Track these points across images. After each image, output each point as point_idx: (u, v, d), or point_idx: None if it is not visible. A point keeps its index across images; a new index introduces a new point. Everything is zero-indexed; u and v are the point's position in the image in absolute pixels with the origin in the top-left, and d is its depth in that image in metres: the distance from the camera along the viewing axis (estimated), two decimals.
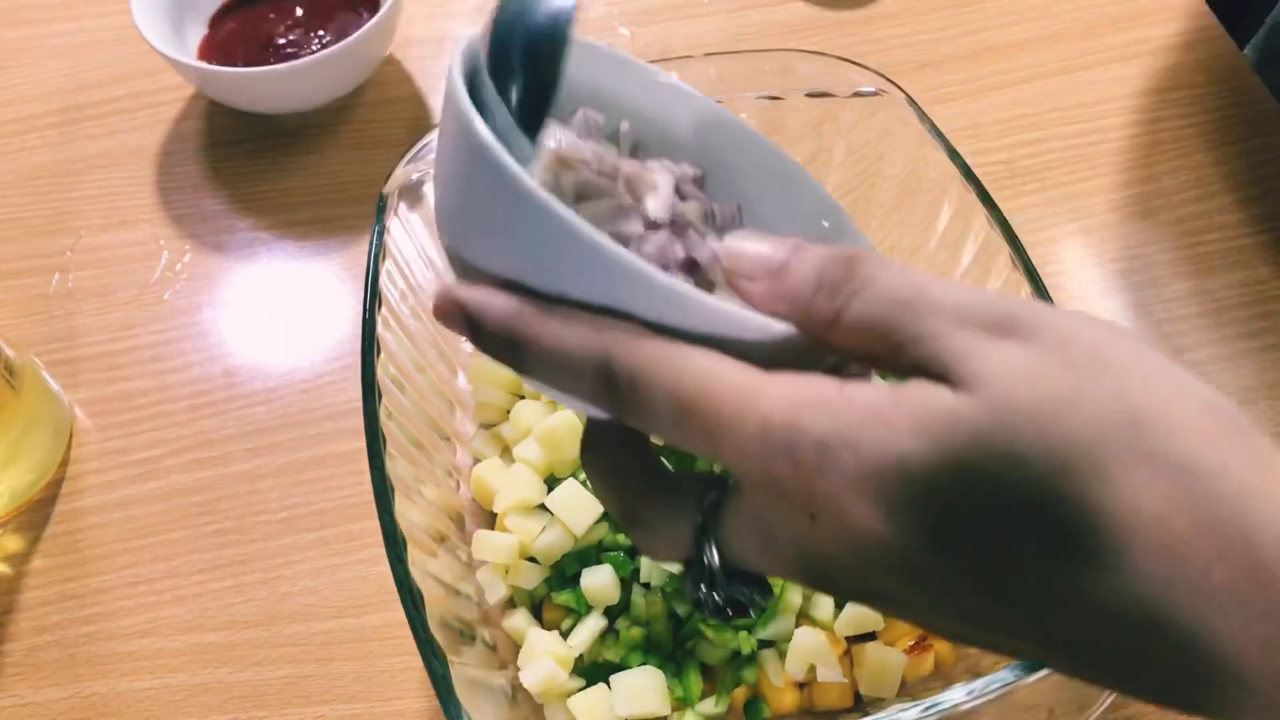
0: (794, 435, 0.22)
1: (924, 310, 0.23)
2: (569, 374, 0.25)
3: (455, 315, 0.26)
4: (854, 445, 0.22)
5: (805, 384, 0.23)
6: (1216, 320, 0.60)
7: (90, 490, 0.55)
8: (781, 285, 0.25)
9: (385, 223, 0.47)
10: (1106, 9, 0.73)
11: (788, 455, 0.22)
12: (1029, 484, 0.20)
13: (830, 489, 0.22)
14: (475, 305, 0.26)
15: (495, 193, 0.26)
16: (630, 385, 0.24)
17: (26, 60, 0.72)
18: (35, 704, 0.49)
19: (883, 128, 0.52)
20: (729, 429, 0.23)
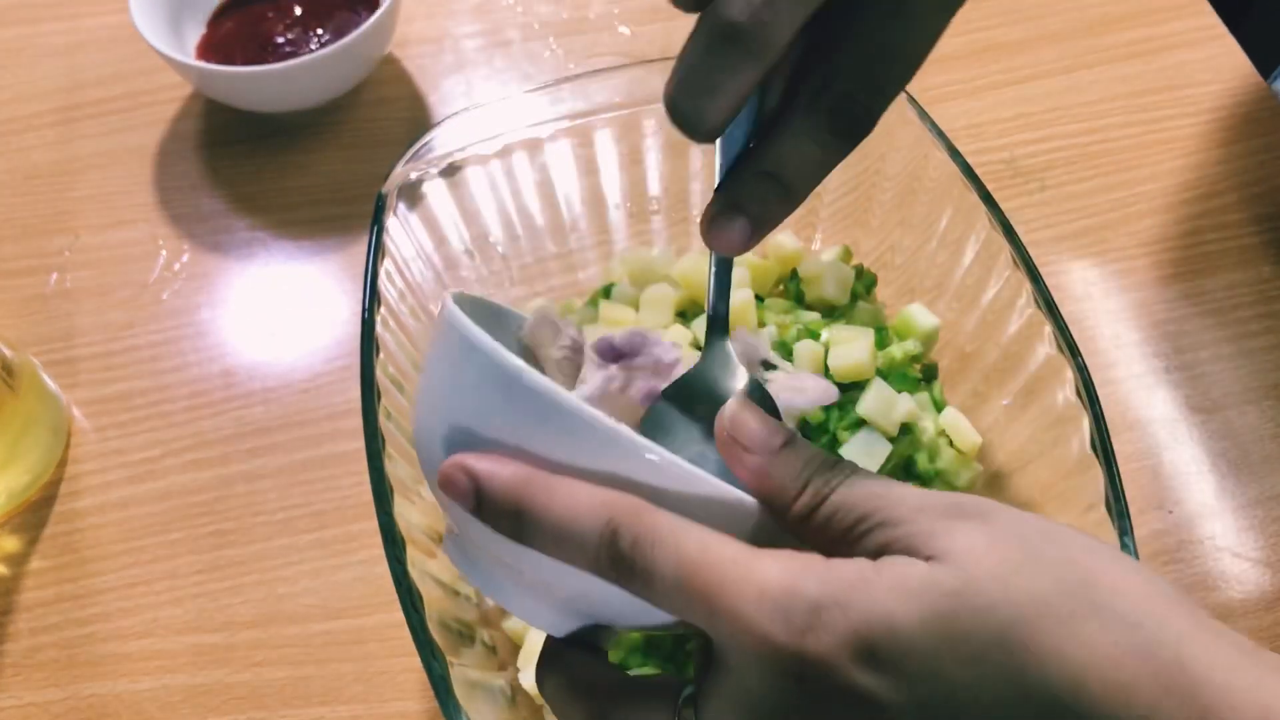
0: (789, 599, 0.24)
1: (892, 501, 0.26)
2: (572, 540, 0.26)
3: (463, 483, 0.27)
4: (844, 606, 0.24)
5: (796, 556, 0.25)
6: (1216, 320, 0.59)
7: (88, 491, 0.55)
8: (772, 467, 0.28)
9: (384, 222, 0.47)
10: (1107, 8, 0.73)
11: (783, 617, 0.24)
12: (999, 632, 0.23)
13: (821, 647, 0.23)
14: (485, 472, 0.27)
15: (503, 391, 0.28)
16: (634, 549, 0.25)
17: (24, 59, 0.72)
18: (33, 704, 0.49)
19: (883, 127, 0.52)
20: (728, 593, 0.24)
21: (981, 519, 0.25)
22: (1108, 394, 0.57)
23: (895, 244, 0.55)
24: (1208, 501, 0.54)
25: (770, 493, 0.28)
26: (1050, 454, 0.44)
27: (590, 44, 0.72)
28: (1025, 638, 0.23)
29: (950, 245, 0.51)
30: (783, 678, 0.24)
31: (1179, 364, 0.58)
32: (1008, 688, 0.23)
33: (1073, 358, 0.42)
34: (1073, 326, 0.44)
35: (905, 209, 0.54)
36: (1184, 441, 0.56)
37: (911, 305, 0.53)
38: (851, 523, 0.26)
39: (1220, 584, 0.51)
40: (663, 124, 0.54)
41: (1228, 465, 0.55)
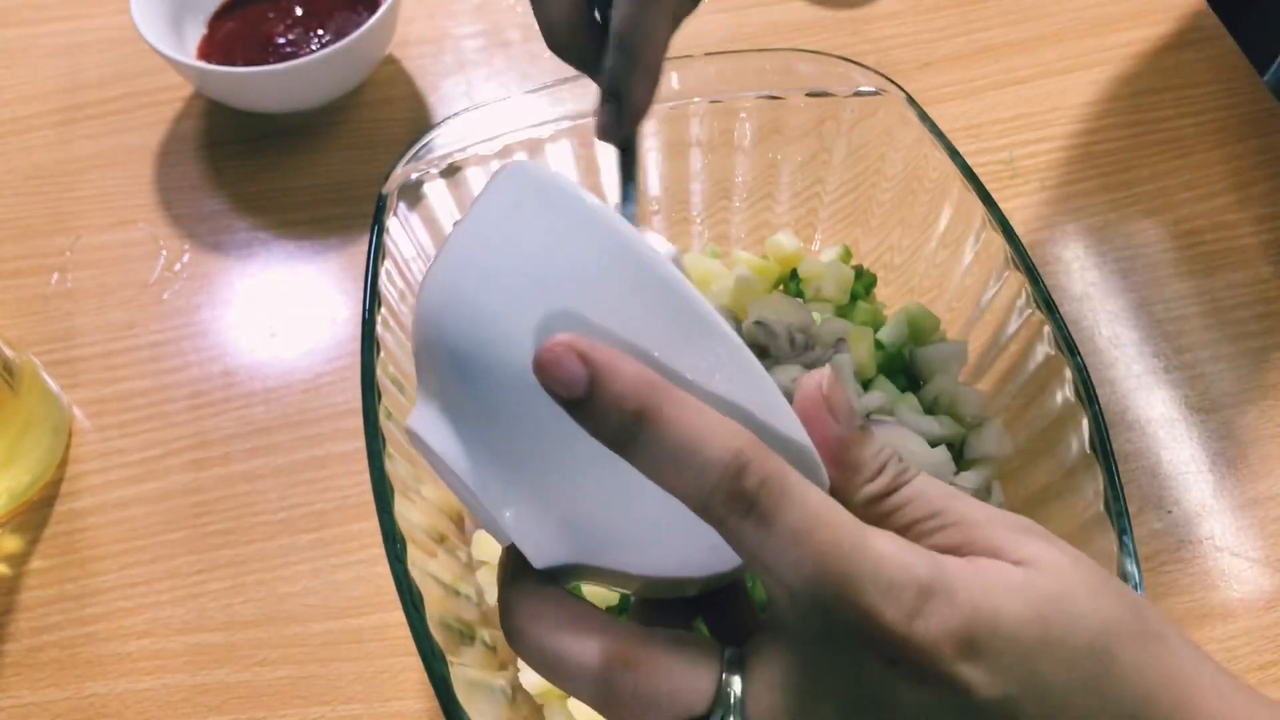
0: (902, 575, 0.23)
1: (965, 505, 0.26)
2: (692, 463, 0.23)
3: (576, 368, 0.23)
4: (951, 594, 0.23)
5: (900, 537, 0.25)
6: (1216, 320, 0.60)
7: (89, 490, 0.55)
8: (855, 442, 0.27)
9: (384, 222, 0.47)
10: (1106, 9, 0.73)
11: (895, 596, 0.23)
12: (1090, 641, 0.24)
13: (928, 635, 0.23)
14: (607, 362, 0.23)
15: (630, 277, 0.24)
16: (761, 488, 0.23)
17: (25, 59, 0.72)
18: (34, 704, 0.49)
19: (883, 127, 0.52)
20: (845, 556, 0.23)
21: (1050, 540, 0.26)
22: (1107, 394, 0.57)
23: (895, 244, 0.55)
24: (1207, 501, 0.54)
25: (846, 467, 0.27)
26: (1049, 453, 0.44)
27: None
28: (1113, 650, 0.24)
29: (950, 245, 0.51)
30: (873, 657, 0.23)
31: (1178, 364, 0.58)
32: (1092, 695, 0.23)
33: (1072, 357, 0.42)
34: (1072, 326, 0.44)
35: (905, 209, 0.54)
36: (1183, 441, 0.56)
37: (911, 305, 0.53)
38: (924, 515, 0.26)
39: (1219, 583, 0.51)
40: (663, 124, 0.54)
41: (1227, 465, 0.55)
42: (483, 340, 0.25)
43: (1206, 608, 0.51)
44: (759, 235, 0.59)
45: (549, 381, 0.23)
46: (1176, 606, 0.51)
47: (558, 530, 0.26)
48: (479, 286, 0.25)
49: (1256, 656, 0.49)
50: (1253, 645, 0.50)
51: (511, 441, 0.25)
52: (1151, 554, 0.52)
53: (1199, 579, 0.51)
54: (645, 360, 0.24)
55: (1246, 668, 0.49)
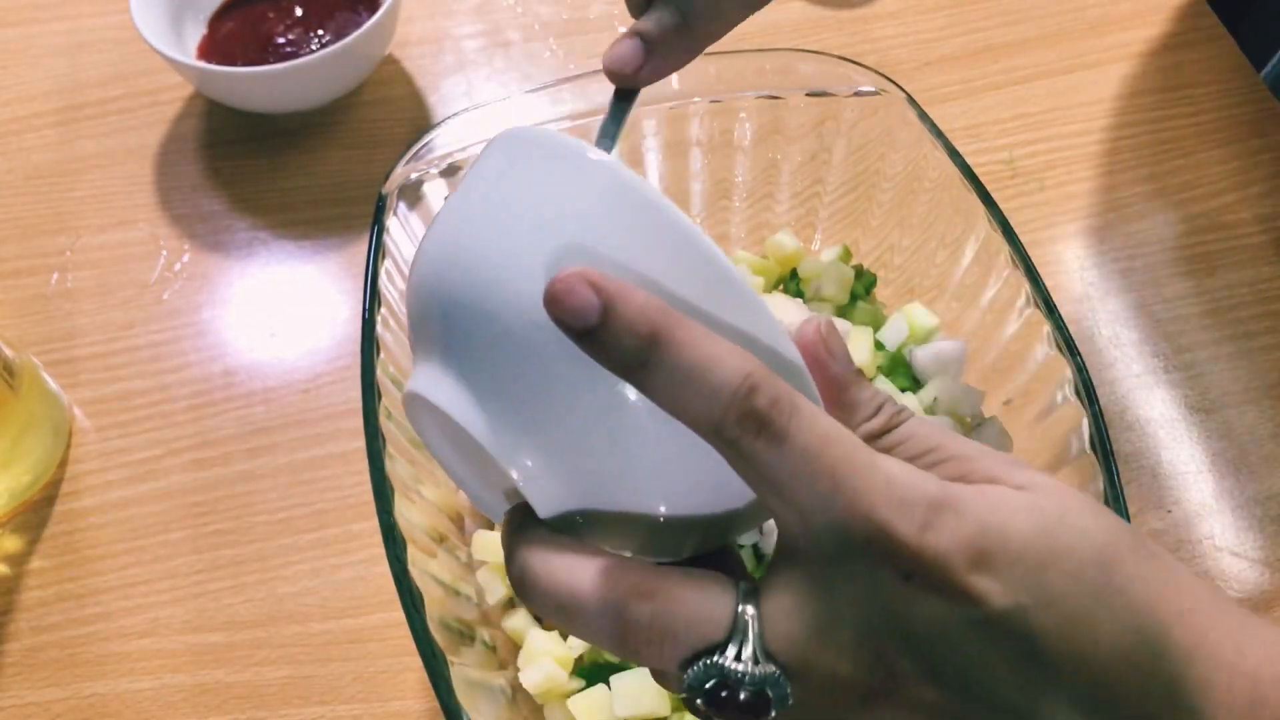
0: (912, 491, 0.24)
1: (960, 441, 0.27)
2: (704, 386, 0.23)
3: (587, 297, 0.23)
4: (960, 510, 0.24)
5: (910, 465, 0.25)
6: (1216, 320, 0.60)
7: (89, 490, 0.55)
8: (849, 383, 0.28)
9: (384, 222, 0.47)
10: (1107, 9, 0.73)
11: (906, 510, 0.24)
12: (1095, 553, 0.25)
13: (940, 545, 0.24)
14: (618, 289, 0.23)
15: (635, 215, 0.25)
16: (773, 408, 0.23)
17: (25, 59, 0.72)
18: (34, 704, 0.49)
19: (883, 127, 0.52)
20: (857, 473, 0.24)
21: (1041, 473, 0.27)
22: (1107, 394, 0.57)
23: (895, 244, 0.55)
24: (1206, 501, 0.54)
25: (843, 406, 0.28)
26: (1050, 453, 0.44)
27: (590, 44, 0.72)
28: (1116, 561, 0.24)
29: (950, 245, 0.51)
30: (888, 571, 0.24)
31: (1178, 364, 0.58)
32: (1098, 603, 0.24)
33: (1072, 357, 0.43)
34: (1072, 326, 0.44)
35: (905, 209, 0.54)
36: (1183, 441, 0.56)
37: (911, 305, 0.53)
38: (920, 451, 0.27)
39: (1219, 583, 0.51)
40: (662, 124, 0.54)
41: (1226, 465, 0.55)
42: (488, 286, 0.25)
43: None
44: (759, 235, 0.59)
45: (561, 312, 0.23)
46: None
47: (566, 477, 0.26)
48: (482, 236, 0.26)
49: None
50: None
51: (518, 389, 0.25)
52: None
53: None
54: (654, 291, 0.25)
55: None
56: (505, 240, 0.25)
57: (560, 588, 0.25)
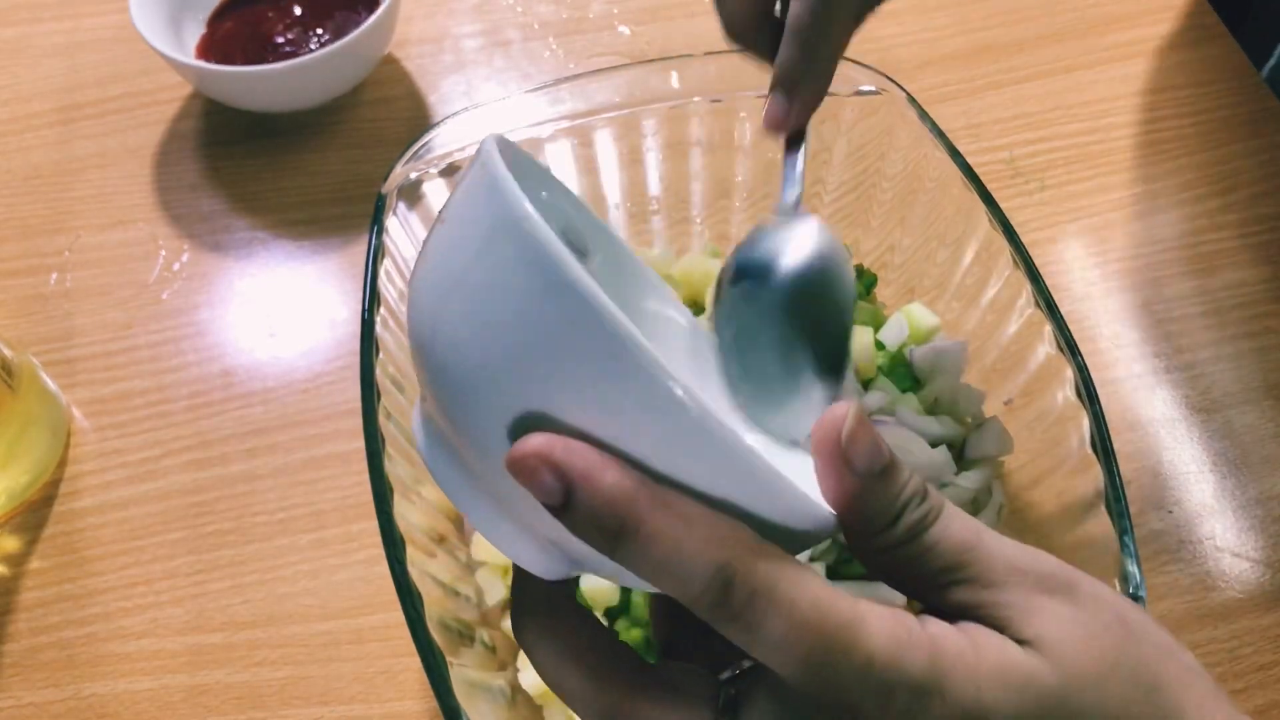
0: (893, 676, 0.23)
1: (985, 555, 0.25)
2: (676, 576, 0.23)
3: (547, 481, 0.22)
4: (944, 694, 0.23)
5: (898, 620, 0.24)
6: (1216, 320, 0.59)
7: (88, 491, 0.55)
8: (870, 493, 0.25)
9: (384, 222, 0.47)
10: (1107, 8, 0.73)
11: (886, 697, 0.23)
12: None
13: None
14: (583, 473, 0.22)
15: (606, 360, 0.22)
16: (748, 605, 0.23)
17: (24, 59, 0.72)
18: (33, 705, 0.49)
19: (883, 127, 0.52)
20: (835, 660, 0.23)
21: (1070, 598, 0.25)
22: (1107, 394, 0.57)
23: (895, 244, 0.55)
24: (1208, 501, 0.54)
25: (859, 518, 0.26)
26: (1050, 453, 0.44)
27: (590, 44, 0.72)
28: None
29: (950, 245, 0.51)
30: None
31: (1179, 364, 0.58)
32: None
33: (1073, 357, 0.42)
34: (1073, 326, 0.44)
35: (905, 209, 0.54)
36: (1184, 441, 0.56)
37: (911, 305, 0.53)
38: (938, 569, 0.25)
39: (1220, 584, 0.51)
40: (662, 124, 0.54)
41: (1228, 465, 0.55)
42: (460, 381, 0.24)
43: (1207, 608, 0.51)
44: None
45: (524, 483, 0.23)
46: (1177, 607, 0.51)
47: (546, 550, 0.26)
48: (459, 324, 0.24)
49: (1258, 657, 0.49)
50: (1254, 646, 0.50)
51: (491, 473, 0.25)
52: (1152, 554, 0.52)
53: (1200, 579, 0.51)
54: (625, 451, 0.23)
55: (1247, 668, 0.49)
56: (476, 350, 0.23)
57: (550, 676, 0.26)
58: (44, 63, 0.72)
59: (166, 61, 0.62)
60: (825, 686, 0.23)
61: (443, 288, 0.25)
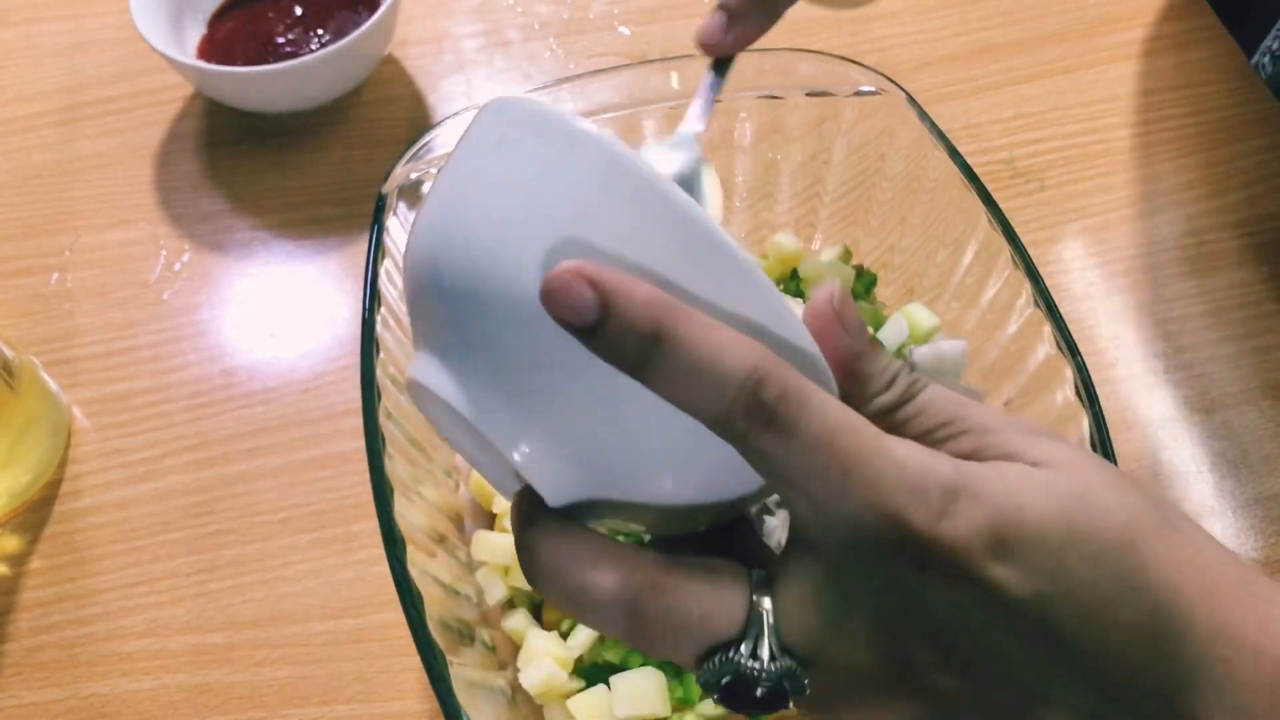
0: (925, 478, 0.23)
1: (977, 411, 0.26)
2: (710, 379, 0.23)
3: (585, 294, 0.23)
4: (977, 494, 0.23)
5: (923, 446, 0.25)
6: (1216, 320, 0.60)
7: (89, 491, 0.55)
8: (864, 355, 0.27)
9: (384, 222, 0.47)
10: (1107, 9, 0.73)
11: (921, 498, 0.23)
12: (1116, 535, 0.24)
13: (957, 534, 0.23)
14: (617, 284, 0.23)
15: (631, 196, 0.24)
16: (781, 400, 0.23)
17: (25, 59, 0.72)
18: (34, 704, 0.49)
19: (883, 127, 0.52)
20: (868, 462, 0.23)
21: (1064, 441, 0.26)
22: (1107, 394, 0.57)
23: (895, 244, 0.55)
24: (1207, 501, 0.54)
25: (856, 379, 0.27)
26: None
27: (590, 44, 0.72)
28: (1138, 542, 0.24)
29: (950, 245, 0.51)
30: (904, 562, 0.23)
31: (1179, 364, 0.58)
32: (1121, 587, 0.23)
33: (1072, 357, 0.42)
34: (1073, 326, 0.44)
35: (905, 209, 0.54)
36: (1183, 441, 0.56)
37: (911, 305, 0.53)
38: (936, 425, 0.26)
39: None
40: (662, 124, 0.54)
41: (1227, 465, 0.55)
42: (482, 275, 0.24)
43: None
44: (759, 235, 0.59)
45: (558, 310, 0.23)
46: None
47: (572, 465, 0.25)
48: (473, 221, 0.25)
49: None
50: None
51: (518, 377, 0.25)
52: None
53: None
54: (654, 280, 0.24)
55: None
56: (497, 228, 0.24)
57: (572, 584, 0.25)
58: (45, 63, 0.72)
59: (167, 62, 0.62)
60: (863, 487, 0.23)
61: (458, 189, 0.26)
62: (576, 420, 0.25)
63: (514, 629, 0.47)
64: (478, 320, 0.25)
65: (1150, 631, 0.23)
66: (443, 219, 0.26)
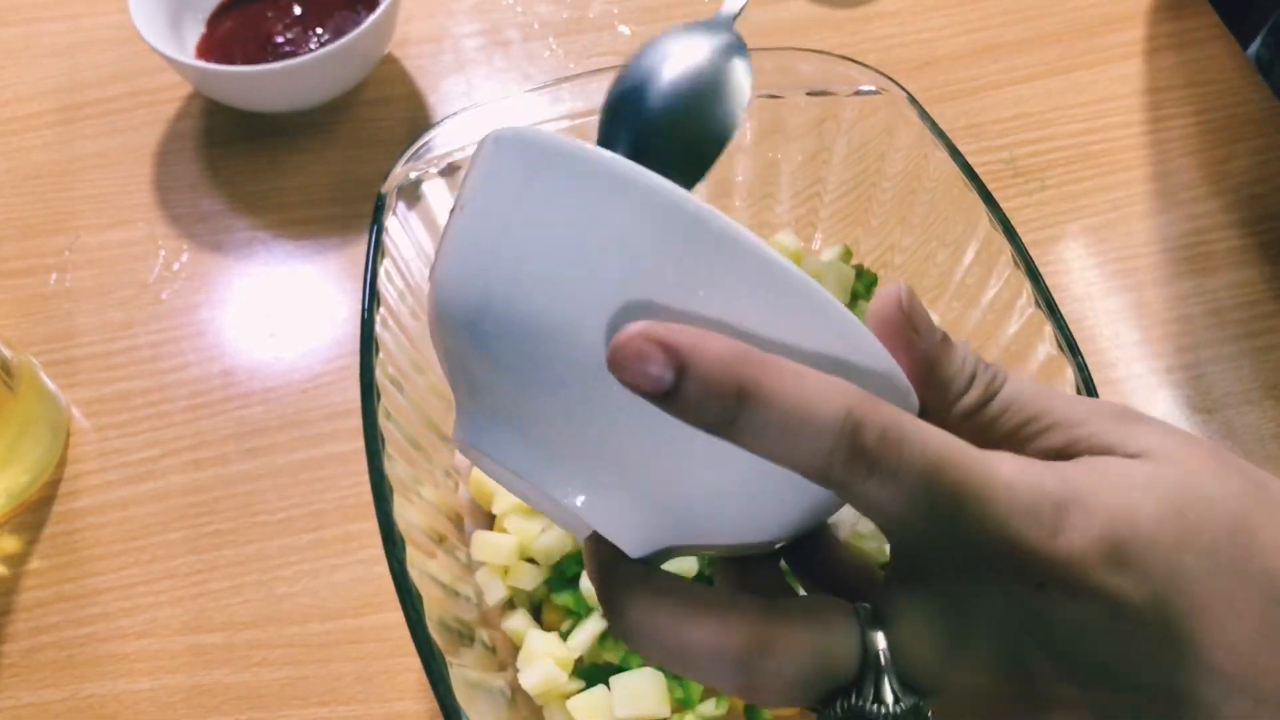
0: (1035, 495, 0.23)
1: (1062, 402, 0.26)
2: (805, 431, 0.22)
3: (657, 357, 0.21)
4: (1085, 504, 0.23)
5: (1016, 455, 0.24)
6: (1216, 320, 0.59)
7: (88, 491, 0.55)
8: (942, 354, 0.26)
9: (383, 222, 0.47)
10: (1107, 9, 0.73)
11: (1033, 517, 0.22)
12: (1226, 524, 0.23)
13: (1073, 549, 0.22)
14: (691, 344, 0.21)
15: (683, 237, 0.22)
16: (881, 443, 0.22)
17: (24, 59, 0.72)
18: (33, 705, 0.49)
19: (883, 126, 0.52)
20: (976, 489, 0.22)
21: (1153, 423, 0.25)
22: (1108, 394, 0.57)
23: (895, 244, 0.55)
24: None
25: (936, 384, 0.26)
26: None
27: (590, 44, 0.72)
28: (1249, 529, 0.23)
29: (950, 245, 0.51)
30: (1021, 582, 0.23)
31: (1179, 364, 0.58)
32: (1236, 579, 0.23)
33: (1073, 357, 0.42)
34: (1073, 326, 0.44)
35: (905, 209, 0.53)
36: None
37: None
38: (1022, 422, 0.26)
39: None
40: None
41: None
42: (533, 340, 0.22)
43: None
44: (759, 235, 0.59)
45: (629, 378, 0.21)
46: None
47: (650, 516, 0.24)
48: (516, 280, 0.23)
49: None
50: None
51: (584, 436, 0.23)
52: None
53: None
54: (722, 326, 0.22)
55: None
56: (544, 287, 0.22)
57: (672, 646, 0.24)
58: (44, 63, 0.72)
59: (166, 61, 0.62)
60: (977, 518, 0.22)
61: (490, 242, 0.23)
62: (652, 472, 0.23)
63: (514, 629, 0.46)
64: (531, 384, 0.23)
65: (1271, 620, 0.23)
66: (476, 275, 0.23)
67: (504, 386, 0.24)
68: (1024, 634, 0.23)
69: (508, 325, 0.23)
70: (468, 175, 0.26)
